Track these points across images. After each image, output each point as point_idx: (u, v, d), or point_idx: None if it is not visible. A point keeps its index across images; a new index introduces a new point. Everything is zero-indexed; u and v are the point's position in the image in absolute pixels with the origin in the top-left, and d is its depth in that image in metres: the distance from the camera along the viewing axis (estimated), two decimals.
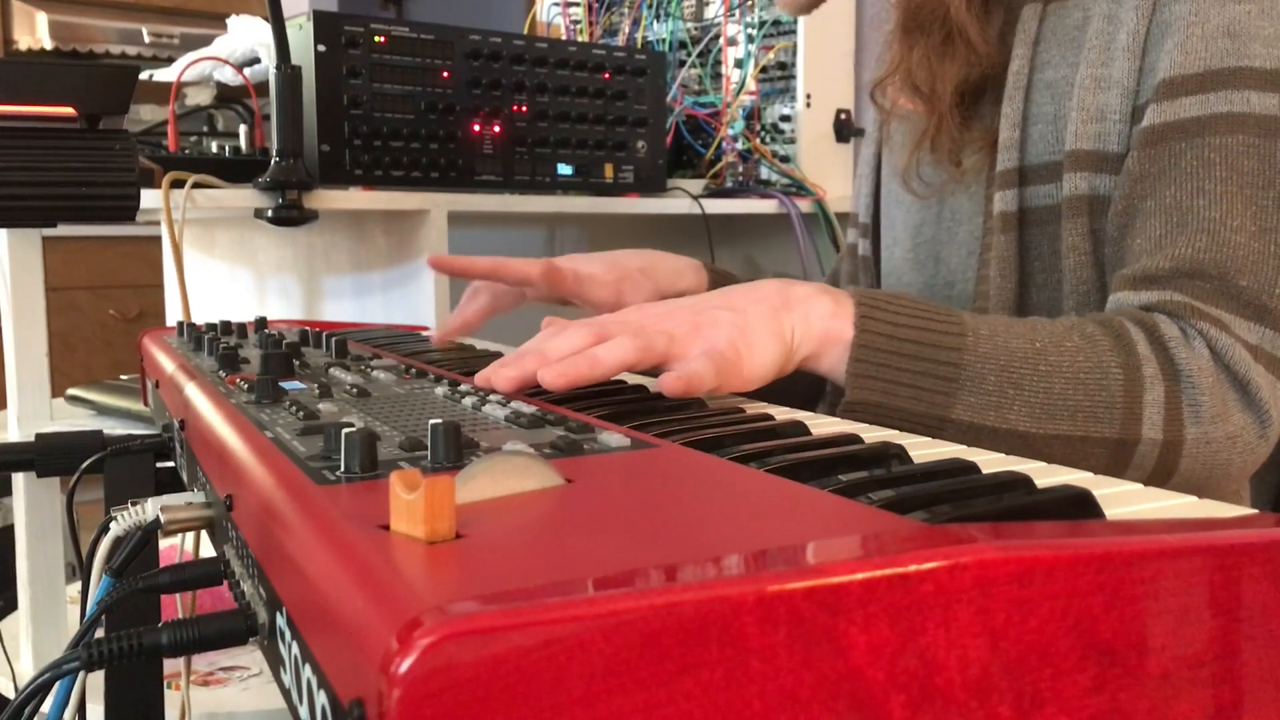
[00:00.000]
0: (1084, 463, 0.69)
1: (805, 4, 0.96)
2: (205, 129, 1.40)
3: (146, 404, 0.88)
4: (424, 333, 1.09)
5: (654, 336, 0.61)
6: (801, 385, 0.70)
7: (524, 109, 1.35)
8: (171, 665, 0.93)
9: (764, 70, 1.73)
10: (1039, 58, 0.83)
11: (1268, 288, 0.72)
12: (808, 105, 1.70)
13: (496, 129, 1.33)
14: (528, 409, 0.50)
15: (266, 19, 1.18)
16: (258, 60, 1.38)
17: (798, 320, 0.66)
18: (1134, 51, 0.77)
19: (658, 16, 1.80)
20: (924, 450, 0.47)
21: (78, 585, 0.85)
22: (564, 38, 1.80)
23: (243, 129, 1.26)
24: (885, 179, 1.02)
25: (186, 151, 1.23)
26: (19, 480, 1.17)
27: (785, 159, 1.72)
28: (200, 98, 1.41)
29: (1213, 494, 0.75)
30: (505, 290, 0.94)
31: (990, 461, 0.44)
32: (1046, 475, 0.42)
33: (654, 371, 0.64)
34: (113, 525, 0.53)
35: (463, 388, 0.58)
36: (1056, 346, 0.69)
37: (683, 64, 1.76)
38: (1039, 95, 0.83)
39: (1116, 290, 0.76)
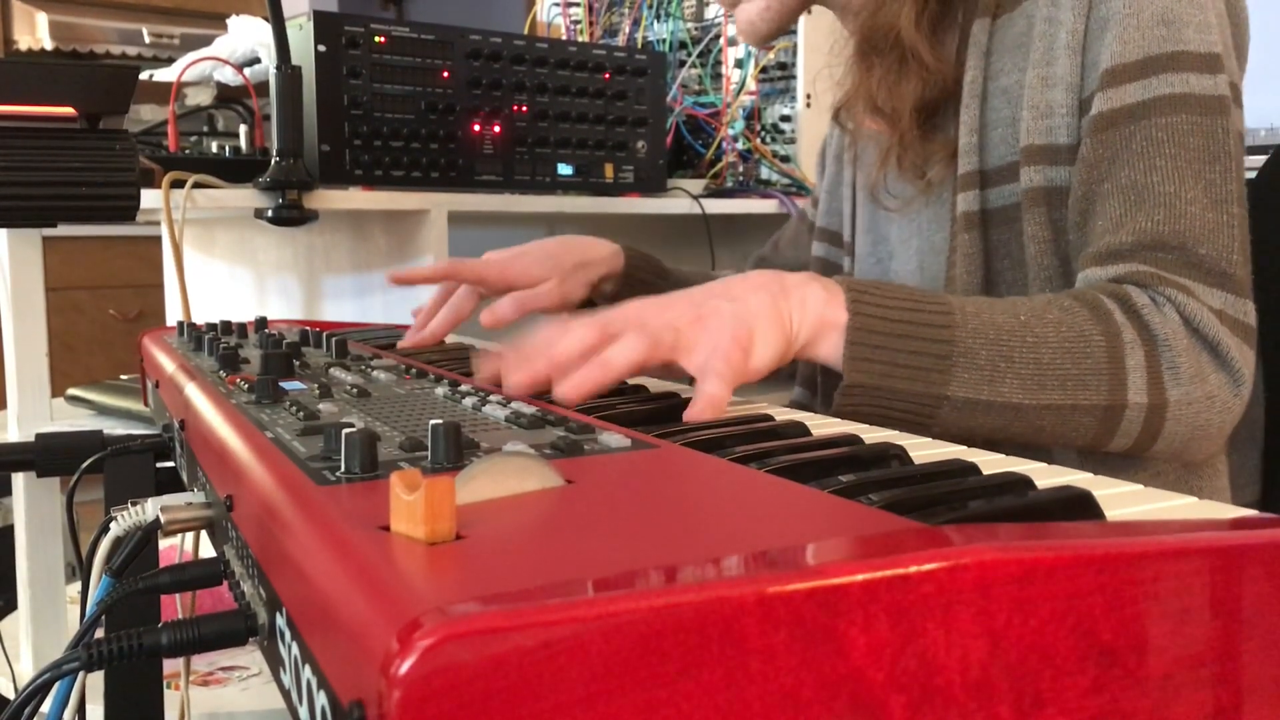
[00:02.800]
0: (1074, 432, 0.71)
1: (765, 34, 0.97)
2: (205, 129, 1.40)
3: (146, 404, 0.88)
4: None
5: (660, 331, 0.62)
6: None
7: (524, 109, 1.35)
8: (171, 665, 0.93)
9: (764, 70, 1.73)
10: (991, 67, 0.87)
11: (1225, 255, 0.75)
12: (808, 105, 1.70)
13: (496, 129, 1.33)
14: (528, 409, 0.50)
15: (266, 19, 1.18)
16: (258, 60, 1.38)
17: (795, 306, 0.67)
18: (1074, 48, 0.81)
19: (658, 16, 1.80)
20: (924, 451, 0.47)
21: (78, 585, 0.85)
22: (564, 38, 1.80)
23: (243, 129, 1.26)
24: (861, 200, 1.04)
25: (186, 151, 1.23)
26: (19, 480, 1.17)
27: (785, 159, 1.72)
28: (200, 98, 1.40)
29: (1193, 457, 0.77)
30: (464, 298, 0.97)
31: (990, 462, 0.44)
32: (1046, 476, 0.42)
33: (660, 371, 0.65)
34: (113, 525, 0.53)
35: (463, 388, 0.58)
36: (1039, 319, 0.71)
37: (683, 64, 1.76)
38: (995, 101, 0.86)
39: (1084, 269, 0.79)
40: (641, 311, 0.65)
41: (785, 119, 1.72)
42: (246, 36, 1.38)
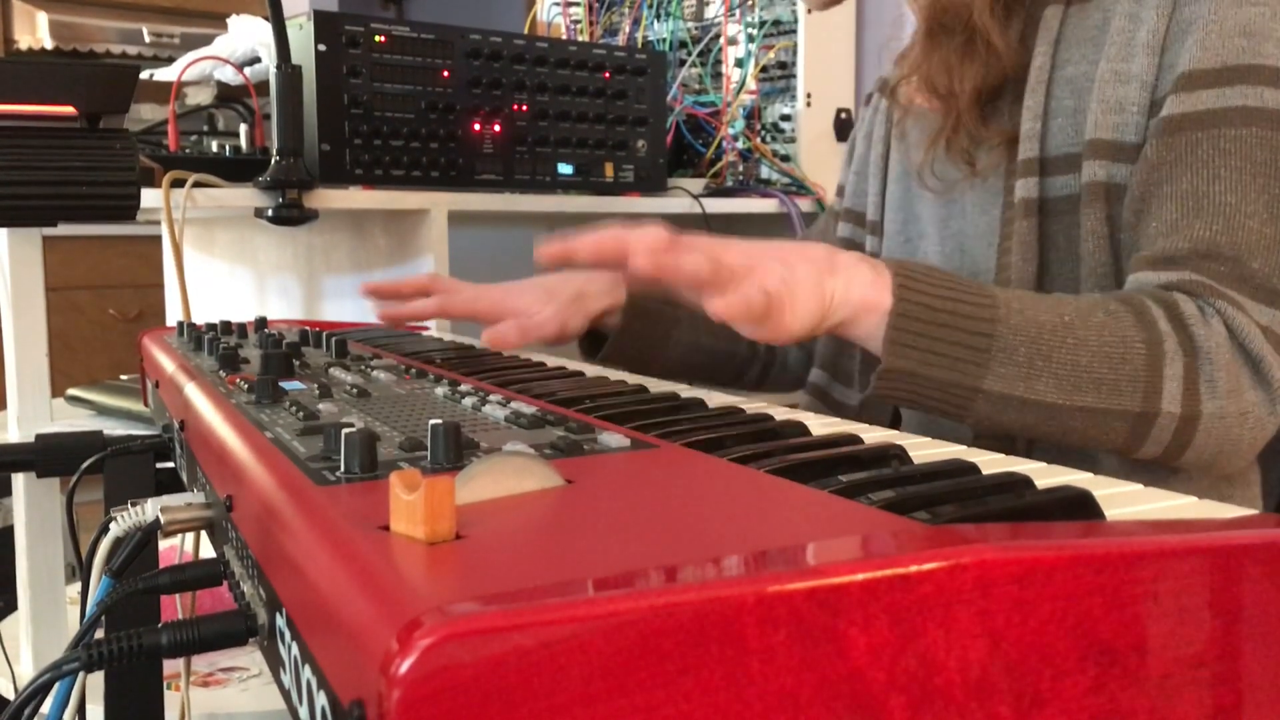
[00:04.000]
0: (1105, 435, 0.71)
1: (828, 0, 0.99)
2: (205, 128, 1.40)
3: (146, 404, 0.88)
4: (423, 333, 1.09)
5: (721, 273, 0.65)
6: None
7: (524, 108, 1.35)
8: (171, 665, 0.93)
9: (764, 70, 1.73)
10: (1060, 55, 0.86)
11: (1278, 272, 0.75)
12: (808, 105, 1.70)
13: (497, 128, 1.33)
14: (528, 409, 0.50)
15: (267, 19, 1.18)
16: (258, 60, 1.38)
17: (839, 286, 0.69)
18: (1154, 48, 0.80)
19: (658, 16, 1.80)
20: (924, 450, 0.47)
21: (78, 586, 0.85)
22: (564, 37, 1.80)
23: (243, 128, 1.26)
24: (897, 178, 1.03)
25: (187, 151, 1.23)
26: (19, 480, 1.17)
27: (786, 158, 1.72)
28: (200, 97, 1.40)
29: (1221, 470, 0.77)
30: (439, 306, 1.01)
31: (991, 462, 0.44)
32: (1046, 476, 0.42)
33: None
34: (113, 526, 0.53)
35: (463, 388, 0.58)
36: (1083, 321, 0.71)
37: (683, 63, 1.76)
38: (1059, 90, 0.85)
39: (1135, 271, 0.79)
40: (712, 248, 0.68)
41: (785, 118, 1.72)
42: (246, 36, 1.38)
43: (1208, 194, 0.76)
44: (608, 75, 1.42)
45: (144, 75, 1.46)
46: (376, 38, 1.22)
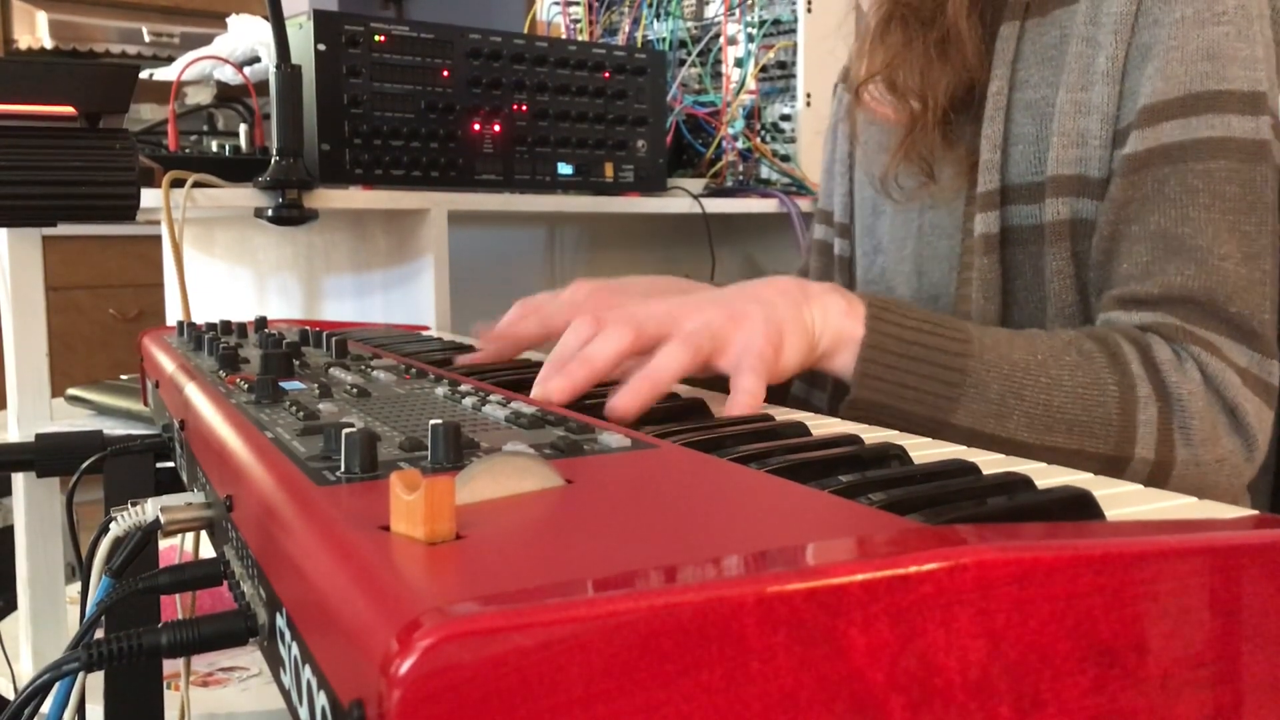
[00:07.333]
0: None
1: None
2: (205, 128, 1.40)
3: (146, 404, 0.88)
4: (424, 333, 1.09)
5: (697, 336, 0.60)
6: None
7: (524, 108, 1.35)
8: (171, 665, 0.93)
9: (764, 69, 1.73)
10: (1017, 77, 0.83)
11: (1256, 313, 0.73)
12: (808, 104, 1.70)
13: (497, 128, 1.33)
14: (528, 409, 0.50)
15: (266, 18, 1.18)
16: (258, 59, 1.38)
17: (817, 314, 0.67)
18: (1113, 76, 0.77)
19: (658, 15, 1.80)
20: (924, 451, 0.47)
21: (78, 585, 0.85)
22: (564, 37, 1.80)
23: (243, 128, 1.26)
24: (859, 183, 1.02)
25: (186, 151, 1.23)
26: (19, 480, 1.17)
27: (785, 158, 1.72)
28: (200, 97, 1.40)
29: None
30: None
31: (990, 463, 0.44)
32: (1046, 476, 0.42)
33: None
34: (113, 526, 0.53)
35: (463, 388, 0.58)
36: (1056, 360, 0.69)
37: (683, 63, 1.76)
38: (1019, 115, 0.83)
39: (1107, 310, 0.77)
40: (674, 313, 0.63)
41: (785, 118, 1.72)
42: (246, 35, 1.38)
43: (1178, 235, 0.73)
44: (607, 75, 1.42)
45: (144, 75, 1.46)
46: (376, 37, 1.22)
